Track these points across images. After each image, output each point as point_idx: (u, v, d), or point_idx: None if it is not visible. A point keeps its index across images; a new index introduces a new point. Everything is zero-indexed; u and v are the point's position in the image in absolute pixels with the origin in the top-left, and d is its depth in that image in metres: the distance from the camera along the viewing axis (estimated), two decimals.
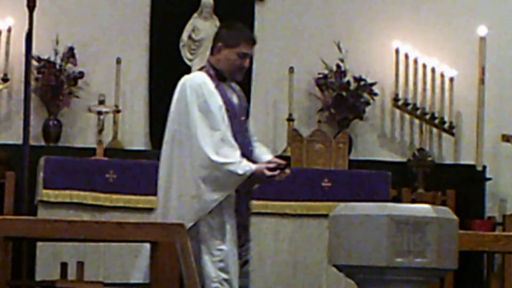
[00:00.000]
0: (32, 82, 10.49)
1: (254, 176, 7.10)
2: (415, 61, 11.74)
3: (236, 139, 7.19)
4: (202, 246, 7.25)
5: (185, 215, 7.17)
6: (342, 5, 11.39)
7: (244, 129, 7.40)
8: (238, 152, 7.12)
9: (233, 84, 7.50)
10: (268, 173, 7.09)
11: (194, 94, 7.24)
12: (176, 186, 7.33)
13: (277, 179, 7.26)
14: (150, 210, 9.57)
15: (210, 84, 7.27)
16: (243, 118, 7.43)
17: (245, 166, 7.06)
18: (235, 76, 7.42)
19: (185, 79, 7.39)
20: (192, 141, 7.18)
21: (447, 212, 5.48)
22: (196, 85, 7.28)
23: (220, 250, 7.24)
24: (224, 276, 7.20)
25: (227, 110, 7.24)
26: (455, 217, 5.50)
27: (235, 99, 7.41)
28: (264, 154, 7.46)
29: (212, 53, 7.45)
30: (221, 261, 7.22)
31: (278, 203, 9.81)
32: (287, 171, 7.32)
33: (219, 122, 7.16)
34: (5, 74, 10.90)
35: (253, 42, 7.47)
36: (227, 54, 7.34)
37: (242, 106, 7.50)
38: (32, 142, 10.14)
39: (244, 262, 7.47)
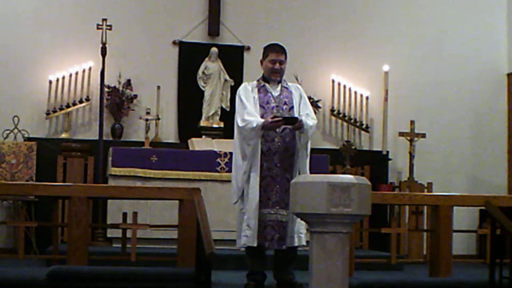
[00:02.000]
0: (105, 101, 10.60)
1: (264, 126, 6.78)
2: (344, 87, 11.70)
3: (262, 116, 6.88)
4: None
5: (238, 162, 6.98)
6: (298, 52, 11.30)
7: (282, 111, 6.94)
8: (255, 118, 6.83)
9: (280, 85, 7.10)
10: (269, 119, 6.77)
11: (238, 92, 7.07)
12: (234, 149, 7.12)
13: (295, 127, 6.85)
14: (178, 179, 9.61)
15: (249, 86, 7.08)
16: (276, 104, 6.99)
17: (256, 121, 6.80)
18: (271, 77, 7.06)
19: None
20: (235, 119, 7.03)
21: (364, 180, 5.51)
22: (240, 88, 7.11)
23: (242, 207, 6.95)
24: (247, 230, 6.85)
25: (260, 99, 6.98)
26: (369, 183, 5.53)
27: (275, 93, 7.03)
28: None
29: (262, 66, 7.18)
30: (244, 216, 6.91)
31: None
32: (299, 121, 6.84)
33: (248, 105, 6.91)
34: (88, 96, 10.90)
35: (277, 50, 7.08)
36: (265, 63, 7.09)
37: (283, 97, 7.03)
38: (104, 138, 10.31)
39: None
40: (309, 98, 11.03)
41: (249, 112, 6.90)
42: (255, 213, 6.81)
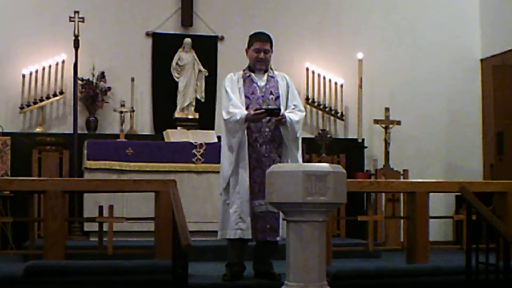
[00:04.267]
0: (78, 94, 10.56)
1: (248, 119, 6.71)
2: (319, 75, 11.71)
3: (248, 107, 6.80)
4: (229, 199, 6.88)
5: (225, 153, 6.90)
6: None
7: (267, 101, 6.86)
8: (240, 110, 6.75)
9: (266, 74, 7.02)
10: (252, 112, 6.70)
11: (224, 83, 6.97)
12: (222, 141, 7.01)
13: (279, 119, 6.76)
14: (154, 171, 9.62)
15: (234, 77, 6.97)
16: (261, 95, 6.90)
17: (240, 113, 6.73)
18: (256, 66, 6.99)
19: None
20: (222, 111, 6.94)
21: (339, 168, 5.53)
22: (226, 79, 7.01)
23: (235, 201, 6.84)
24: (240, 222, 6.75)
25: (245, 89, 6.90)
26: (344, 171, 5.55)
27: (261, 83, 6.95)
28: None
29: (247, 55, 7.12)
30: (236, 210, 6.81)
31: None
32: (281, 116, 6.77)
33: (233, 97, 6.82)
34: (61, 89, 10.82)
35: (262, 39, 7.01)
36: (250, 52, 7.03)
37: (269, 87, 6.95)
38: (79, 131, 10.29)
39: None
40: None
41: (234, 104, 6.83)
42: (247, 205, 6.75)
